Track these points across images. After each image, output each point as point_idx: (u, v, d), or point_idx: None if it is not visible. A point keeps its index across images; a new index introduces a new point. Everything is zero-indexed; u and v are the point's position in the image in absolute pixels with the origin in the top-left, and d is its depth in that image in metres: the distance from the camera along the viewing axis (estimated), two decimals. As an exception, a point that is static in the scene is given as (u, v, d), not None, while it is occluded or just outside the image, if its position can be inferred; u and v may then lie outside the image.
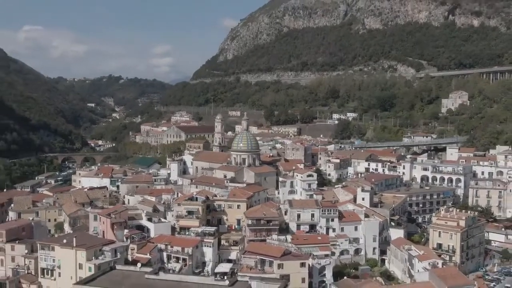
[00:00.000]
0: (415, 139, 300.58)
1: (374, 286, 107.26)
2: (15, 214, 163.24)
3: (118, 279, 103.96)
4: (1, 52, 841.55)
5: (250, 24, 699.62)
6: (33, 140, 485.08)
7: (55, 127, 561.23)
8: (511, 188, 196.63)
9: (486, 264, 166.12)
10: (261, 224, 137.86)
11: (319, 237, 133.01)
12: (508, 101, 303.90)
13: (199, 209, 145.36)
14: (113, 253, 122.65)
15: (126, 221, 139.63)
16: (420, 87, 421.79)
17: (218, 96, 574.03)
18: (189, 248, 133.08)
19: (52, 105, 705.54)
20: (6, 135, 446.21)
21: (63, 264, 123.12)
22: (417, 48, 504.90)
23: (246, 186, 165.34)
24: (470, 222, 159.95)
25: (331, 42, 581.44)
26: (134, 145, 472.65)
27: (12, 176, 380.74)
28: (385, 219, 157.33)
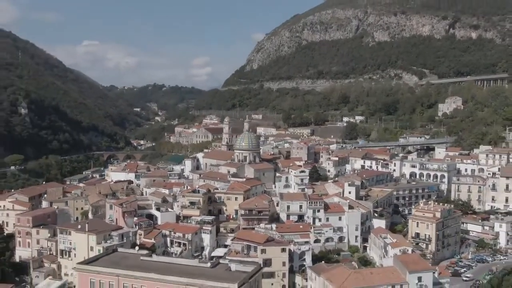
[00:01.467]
0: (409, 139, 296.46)
1: (343, 270, 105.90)
2: (48, 203, 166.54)
3: (117, 260, 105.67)
4: (61, 64, 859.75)
5: (273, 38, 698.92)
6: (83, 140, 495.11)
7: (103, 129, 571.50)
8: (490, 184, 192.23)
9: (462, 252, 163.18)
10: (253, 214, 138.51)
11: (301, 226, 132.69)
12: (496, 106, 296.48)
13: (200, 200, 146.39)
14: (120, 238, 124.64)
15: (136, 210, 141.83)
16: (421, 93, 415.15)
17: (244, 102, 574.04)
18: (189, 234, 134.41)
19: (102, 110, 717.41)
20: (59, 135, 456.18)
21: (78, 246, 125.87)
22: (420, 58, 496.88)
23: (245, 180, 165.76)
24: (446, 214, 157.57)
25: (344, 53, 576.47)
26: (169, 145, 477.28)
27: (62, 171, 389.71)
28: (369, 210, 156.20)
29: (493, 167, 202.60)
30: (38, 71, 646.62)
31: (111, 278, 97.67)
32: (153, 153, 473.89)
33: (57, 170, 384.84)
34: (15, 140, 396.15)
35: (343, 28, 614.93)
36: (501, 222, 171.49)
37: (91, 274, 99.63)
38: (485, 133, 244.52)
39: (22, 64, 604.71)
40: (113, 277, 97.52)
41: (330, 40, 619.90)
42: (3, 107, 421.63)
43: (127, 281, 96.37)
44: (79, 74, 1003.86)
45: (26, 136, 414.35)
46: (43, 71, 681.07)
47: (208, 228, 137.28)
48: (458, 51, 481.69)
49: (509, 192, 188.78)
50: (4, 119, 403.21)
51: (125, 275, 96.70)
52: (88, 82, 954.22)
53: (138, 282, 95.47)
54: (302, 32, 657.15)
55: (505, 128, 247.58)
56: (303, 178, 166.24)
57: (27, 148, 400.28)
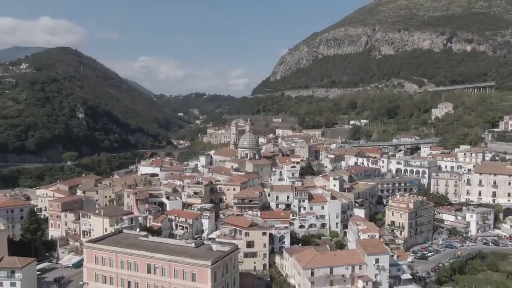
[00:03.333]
0: (401, 140, 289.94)
1: (310, 251, 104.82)
2: (81, 192, 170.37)
3: (119, 239, 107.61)
4: (117, 76, 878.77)
5: (294, 53, 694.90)
6: (130, 140, 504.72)
7: (148, 130, 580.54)
8: (465, 179, 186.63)
9: (434, 238, 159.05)
10: (245, 203, 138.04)
11: (282, 213, 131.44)
12: (482, 110, 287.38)
13: (202, 190, 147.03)
14: (129, 221, 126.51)
15: (147, 198, 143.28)
16: (419, 100, 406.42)
17: (267, 107, 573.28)
18: (190, 219, 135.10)
19: (149, 115, 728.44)
20: (110, 136, 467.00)
21: (95, 228, 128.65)
22: (420, 69, 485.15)
23: (245, 174, 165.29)
24: (419, 205, 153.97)
25: (354, 65, 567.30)
26: (201, 144, 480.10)
27: (111, 165, 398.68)
28: (350, 201, 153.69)
29: (469, 164, 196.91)
30: (97, 82, 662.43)
31: (111, 254, 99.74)
32: (188, 151, 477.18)
33: (106, 165, 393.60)
34: (72, 139, 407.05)
35: (354, 43, 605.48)
36: (472, 213, 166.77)
37: (95, 250, 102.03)
38: (466, 135, 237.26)
39: (83, 77, 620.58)
40: (112, 254, 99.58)
41: (342, 54, 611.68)
42: (64, 112, 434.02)
43: (123, 257, 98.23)
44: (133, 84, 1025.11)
45: (82, 136, 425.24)
46: (101, 82, 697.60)
47: (207, 214, 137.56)
48: (454, 62, 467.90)
49: (482, 186, 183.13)
50: (64, 122, 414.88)
51: (122, 252, 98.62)
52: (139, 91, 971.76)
53: (132, 258, 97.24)
54: (319, 47, 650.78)
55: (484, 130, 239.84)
56: (294, 172, 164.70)
57: (83, 147, 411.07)
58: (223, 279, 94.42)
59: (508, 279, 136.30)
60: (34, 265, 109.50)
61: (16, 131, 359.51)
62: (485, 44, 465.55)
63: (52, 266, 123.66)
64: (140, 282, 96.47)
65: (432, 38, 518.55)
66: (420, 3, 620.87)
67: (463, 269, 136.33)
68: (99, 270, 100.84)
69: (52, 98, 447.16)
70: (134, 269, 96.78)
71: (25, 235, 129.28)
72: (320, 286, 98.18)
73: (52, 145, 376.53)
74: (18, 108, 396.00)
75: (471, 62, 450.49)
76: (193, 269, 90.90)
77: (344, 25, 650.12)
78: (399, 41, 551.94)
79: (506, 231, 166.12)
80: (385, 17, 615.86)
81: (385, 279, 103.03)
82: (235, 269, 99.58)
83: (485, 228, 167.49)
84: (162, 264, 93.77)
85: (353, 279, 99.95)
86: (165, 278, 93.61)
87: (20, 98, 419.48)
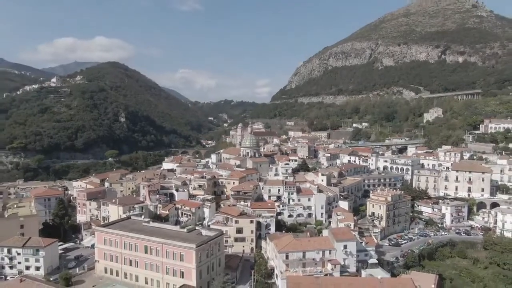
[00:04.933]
0: (392, 140, 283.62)
1: (287, 238, 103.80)
2: (108, 184, 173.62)
3: (127, 224, 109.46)
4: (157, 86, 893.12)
5: (307, 65, 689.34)
6: (164, 140, 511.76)
7: (180, 132, 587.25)
8: (443, 175, 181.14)
9: (411, 228, 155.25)
10: (240, 195, 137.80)
11: (269, 203, 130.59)
12: (467, 115, 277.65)
13: (205, 184, 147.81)
14: (140, 209, 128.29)
15: (158, 190, 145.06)
16: (414, 105, 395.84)
17: (282, 112, 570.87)
18: (193, 208, 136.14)
19: (183, 119, 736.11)
20: (147, 137, 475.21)
21: (112, 214, 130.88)
22: (417, 78, 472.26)
23: (245, 170, 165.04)
24: (396, 198, 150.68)
25: (359, 75, 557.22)
26: (224, 144, 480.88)
27: (147, 162, 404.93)
28: (336, 194, 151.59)
29: (448, 162, 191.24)
30: (139, 91, 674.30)
31: (116, 237, 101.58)
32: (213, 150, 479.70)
33: (143, 161, 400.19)
34: (114, 140, 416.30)
35: (359, 56, 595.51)
36: (447, 206, 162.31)
37: (104, 234, 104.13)
38: (449, 136, 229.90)
39: (127, 87, 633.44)
40: (118, 237, 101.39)
41: (349, 65, 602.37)
42: (108, 117, 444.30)
43: (126, 239, 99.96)
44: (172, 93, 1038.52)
45: (123, 137, 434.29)
46: (143, 91, 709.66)
47: (208, 204, 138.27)
48: (447, 72, 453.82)
49: (458, 182, 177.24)
50: (108, 125, 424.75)
51: (125, 235, 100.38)
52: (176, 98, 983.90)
53: (133, 241, 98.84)
54: (328, 59, 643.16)
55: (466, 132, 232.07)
56: (287, 168, 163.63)
57: (123, 146, 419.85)
58: (208, 260, 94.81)
59: (474, 265, 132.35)
60: (56, 245, 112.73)
61: (67, 132, 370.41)
62: (475, 56, 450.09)
63: (76, 246, 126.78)
64: (139, 261, 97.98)
65: (428, 50, 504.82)
66: (419, 20, 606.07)
67: (433, 256, 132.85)
68: (107, 250, 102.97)
69: (99, 104, 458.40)
70: (135, 250, 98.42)
71: (55, 220, 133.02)
72: (294, 267, 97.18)
73: (97, 144, 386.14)
74: (70, 113, 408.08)
75: (462, 72, 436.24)
76: (181, 251, 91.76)
77: (351, 40, 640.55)
78: (399, 53, 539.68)
79: (479, 223, 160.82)
80: (387, 32, 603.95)
81: (353, 263, 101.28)
82: (220, 252, 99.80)
83: (459, 220, 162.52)
84: (156, 246, 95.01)
85: (323, 262, 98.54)
86: (159, 258, 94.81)
87: (72, 105, 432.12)
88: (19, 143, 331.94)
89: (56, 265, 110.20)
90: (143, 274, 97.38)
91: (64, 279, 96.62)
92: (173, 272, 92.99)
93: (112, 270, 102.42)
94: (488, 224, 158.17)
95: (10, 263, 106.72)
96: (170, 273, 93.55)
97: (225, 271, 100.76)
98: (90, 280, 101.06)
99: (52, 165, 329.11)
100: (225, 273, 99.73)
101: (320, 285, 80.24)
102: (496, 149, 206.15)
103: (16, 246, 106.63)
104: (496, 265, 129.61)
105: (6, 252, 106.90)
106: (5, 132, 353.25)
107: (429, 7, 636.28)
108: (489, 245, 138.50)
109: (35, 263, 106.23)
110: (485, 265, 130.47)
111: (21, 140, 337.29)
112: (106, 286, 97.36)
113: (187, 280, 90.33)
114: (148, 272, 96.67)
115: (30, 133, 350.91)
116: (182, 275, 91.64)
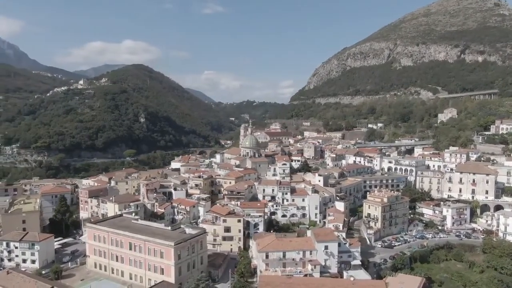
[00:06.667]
0: (402, 141, 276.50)
1: (270, 237, 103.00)
2: (114, 182, 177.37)
3: (116, 221, 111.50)
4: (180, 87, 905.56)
5: (325, 65, 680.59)
6: (183, 140, 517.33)
7: (199, 132, 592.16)
8: (447, 177, 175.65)
9: (410, 229, 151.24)
10: (233, 194, 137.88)
11: (258, 203, 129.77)
12: (481, 115, 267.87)
13: (201, 183, 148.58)
14: (135, 207, 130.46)
15: (156, 189, 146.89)
16: (429, 106, 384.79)
17: (300, 113, 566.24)
18: (188, 207, 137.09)
19: (204, 119, 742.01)
20: (165, 136, 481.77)
21: (109, 211, 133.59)
22: (435, 78, 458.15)
23: (243, 169, 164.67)
24: (393, 199, 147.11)
25: (377, 75, 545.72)
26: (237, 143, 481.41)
27: (164, 161, 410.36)
28: (332, 194, 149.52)
29: (453, 163, 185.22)
30: (161, 93, 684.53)
31: (105, 233, 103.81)
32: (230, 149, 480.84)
33: (160, 160, 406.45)
34: (133, 139, 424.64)
35: (378, 56, 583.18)
36: (448, 208, 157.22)
37: (94, 230, 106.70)
38: (458, 137, 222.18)
39: (149, 88, 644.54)
40: (106, 233, 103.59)
41: (367, 65, 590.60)
42: (128, 117, 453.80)
43: (113, 236, 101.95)
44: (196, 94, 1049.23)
45: (142, 137, 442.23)
46: (165, 93, 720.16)
47: (203, 203, 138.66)
48: (466, 72, 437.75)
49: (462, 184, 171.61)
50: (128, 125, 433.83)
51: (112, 232, 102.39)
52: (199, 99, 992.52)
53: (119, 237, 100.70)
54: (347, 60, 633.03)
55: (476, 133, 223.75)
56: (284, 168, 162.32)
57: (142, 145, 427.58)
58: (189, 257, 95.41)
59: (470, 269, 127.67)
60: (51, 239, 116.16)
61: (89, 132, 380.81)
62: (495, 55, 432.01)
63: (74, 241, 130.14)
64: (124, 257, 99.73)
65: (447, 50, 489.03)
66: (439, 19, 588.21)
67: (427, 258, 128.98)
68: (97, 246, 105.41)
69: (120, 105, 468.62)
70: (120, 246, 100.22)
71: (57, 216, 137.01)
72: (274, 267, 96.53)
73: (116, 144, 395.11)
74: (92, 114, 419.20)
75: (481, 72, 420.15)
76: (161, 248, 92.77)
77: (370, 41, 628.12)
78: (417, 53, 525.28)
79: (482, 226, 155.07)
80: (406, 32, 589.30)
81: (334, 264, 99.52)
82: (202, 250, 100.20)
83: (461, 222, 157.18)
84: (140, 243, 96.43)
85: (303, 262, 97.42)
86: (142, 254, 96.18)
87: (95, 106, 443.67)
88: (42, 142, 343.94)
89: (52, 259, 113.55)
90: (128, 270, 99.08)
91: (54, 272, 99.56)
92: (154, 268, 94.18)
93: (101, 265, 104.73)
94: (491, 227, 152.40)
95: (8, 256, 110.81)
96: (152, 269, 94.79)
97: (208, 269, 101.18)
98: (79, 274, 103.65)
99: (73, 164, 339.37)
100: (208, 271, 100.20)
101: (291, 285, 79.36)
102: (505, 151, 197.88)
103: (14, 240, 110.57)
104: (493, 269, 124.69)
105: (5, 246, 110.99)
106: (31, 132, 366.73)
107: (450, 6, 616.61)
108: (488, 248, 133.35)
109: (30, 257, 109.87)
110: (481, 269, 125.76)
111: (45, 139, 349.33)
112: (94, 281, 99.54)
113: (166, 277, 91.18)
114: (132, 268, 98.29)
115: (53, 133, 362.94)
116: (162, 271, 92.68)
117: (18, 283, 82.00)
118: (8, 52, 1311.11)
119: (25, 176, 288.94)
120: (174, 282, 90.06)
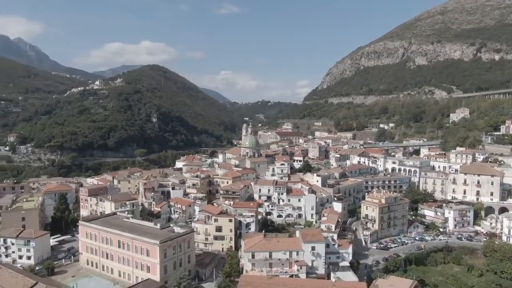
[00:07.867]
0: (410, 142, 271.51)
1: (258, 237, 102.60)
2: (117, 181, 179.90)
3: (109, 220, 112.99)
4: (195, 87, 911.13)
5: (339, 65, 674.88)
6: (194, 140, 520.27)
7: (212, 132, 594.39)
8: (451, 178, 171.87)
9: (410, 231, 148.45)
10: (229, 194, 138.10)
11: (251, 203, 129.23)
12: (493, 115, 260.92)
13: (198, 182, 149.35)
14: (131, 206, 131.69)
15: (153, 188, 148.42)
16: (443, 105, 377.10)
17: (312, 112, 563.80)
18: (184, 206, 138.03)
19: (217, 119, 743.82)
20: (177, 136, 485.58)
21: (107, 210, 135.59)
22: (450, 77, 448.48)
23: (242, 169, 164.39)
24: (392, 200, 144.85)
25: (390, 75, 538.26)
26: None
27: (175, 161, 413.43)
28: (329, 195, 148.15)
29: (459, 164, 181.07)
30: (175, 93, 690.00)
31: (96, 231, 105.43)
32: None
33: (171, 160, 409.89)
34: (145, 139, 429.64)
35: (392, 55, 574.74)
36: (450, 209, 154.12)
37: (86, 228, 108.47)
38: (466, 137, 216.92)
39: (163, 88, 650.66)
40: (97, 231, 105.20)
41: (381, 65, 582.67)
42: (141, 117, 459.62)
43: (103, 234, 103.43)
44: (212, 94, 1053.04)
45: (154, 136, 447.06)
46: (179, 93, 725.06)
47: (199, 202, 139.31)
48: (482, 71, 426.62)
49: (466, 185, 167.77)
50: (140, 125, 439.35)
51: (102, 230, 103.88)
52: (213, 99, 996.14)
53: (109, 235, 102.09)
54: (360, 59, 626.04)
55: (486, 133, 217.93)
56: (282, 169, 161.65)
57: (153, 145, 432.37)
58: (175, 256, 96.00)
59: (469, 272, 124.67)
60: (47, 237, 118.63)
61: (101, 132, 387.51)
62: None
63: (72, 238, 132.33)
64: (113, 254, 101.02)
65: (462, 48, 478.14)
66: (455, 17, 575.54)
67: (423, 261, 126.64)
68: (89, 243, 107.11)
69: (133, 106, 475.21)
70: (110, 244, 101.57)
71: (57, 214, 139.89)
72: (260, 267, 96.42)
73: (128, 143, 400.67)
74: (105, 114, 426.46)
75: (498, 70, 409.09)
76: (147, 246, 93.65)
77: (384, 40, 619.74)
78: (432, 52, 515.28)
79: (485, 228, 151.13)
80: (421, 31, 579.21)
81: (321, 265, 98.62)
82: (190, 248, 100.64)
83: (463, 224, 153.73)
84: (128, 241, 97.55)
85: (290, 263, 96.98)
86: (130, 252, 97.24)
87: (108, 106, 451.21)
88: (56, 142, 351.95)
89: (47, 256, 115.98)
90: (117, 267, 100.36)
91: (46, 269, 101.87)
92: (141, 266, 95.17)
93: (92, 262, 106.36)
94: (495, 230, 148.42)
95: (5, 252, 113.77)
96: (139, 267, 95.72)
97: (196, 268, 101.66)
98: (71, 271, 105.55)
99: (85, 163, 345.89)
100: (195, 270, 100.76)
101: (271, 285, 79.04)
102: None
103: (11, 236, 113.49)
104: (493, 273, 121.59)
105: (2, 242, 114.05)
106: (46, 132, 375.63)
107: (468, 3, 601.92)
108: (489, 251, 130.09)
109: (26, 253, 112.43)
110: (480, 272, 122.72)
111: (58, 139, 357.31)
112: (84, 277, 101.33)
113: (152, 275, 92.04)
114: (121, 266, 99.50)
115: (67, 132, 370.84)
116: (148, 269, 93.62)
117: (6, 278, 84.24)
118: (30, 54, 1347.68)
119: (37, 174, 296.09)
120: (160, 280, 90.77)
